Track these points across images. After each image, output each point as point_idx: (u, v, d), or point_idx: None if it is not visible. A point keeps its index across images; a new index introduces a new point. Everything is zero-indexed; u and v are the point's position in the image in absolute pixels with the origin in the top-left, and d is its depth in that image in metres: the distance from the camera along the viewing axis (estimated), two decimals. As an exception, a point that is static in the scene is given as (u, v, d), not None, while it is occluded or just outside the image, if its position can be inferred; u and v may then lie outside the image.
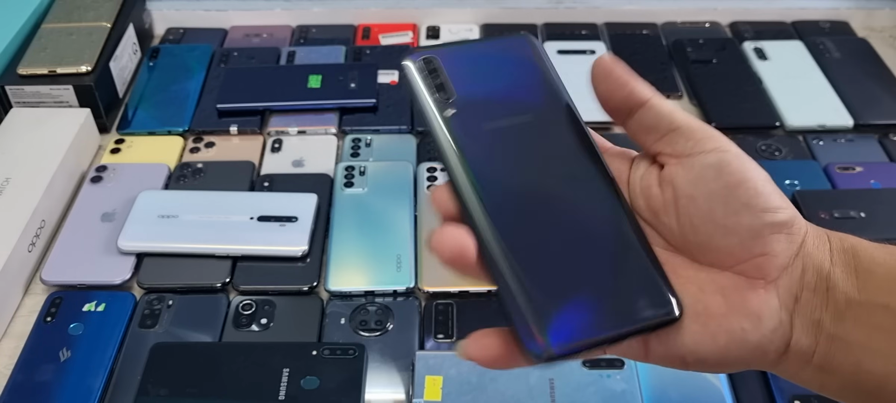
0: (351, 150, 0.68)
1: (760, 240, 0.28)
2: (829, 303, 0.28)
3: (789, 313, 0.28)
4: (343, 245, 0.58)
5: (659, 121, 0.30)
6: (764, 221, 0.28)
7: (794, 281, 0.28)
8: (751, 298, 0.28)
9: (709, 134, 0.30)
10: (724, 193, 0.28)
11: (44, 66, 0.69)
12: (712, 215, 0.29)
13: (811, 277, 0.28)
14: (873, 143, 0.70)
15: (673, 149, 0.30)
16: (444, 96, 0.31)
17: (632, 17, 0.87)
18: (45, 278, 0.56)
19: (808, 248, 0.28)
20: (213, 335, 0.53)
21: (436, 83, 0.31)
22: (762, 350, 0.28)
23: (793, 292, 0.28)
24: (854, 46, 0.82)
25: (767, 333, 0.28)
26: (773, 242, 0.28)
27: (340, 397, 0.47)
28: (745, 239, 0.28)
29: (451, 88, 0.31)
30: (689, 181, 0.29)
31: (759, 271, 0.28)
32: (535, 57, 0.33)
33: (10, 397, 0.49)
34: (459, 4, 0.86)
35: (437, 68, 0.32)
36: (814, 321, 0.28)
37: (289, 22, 0.86)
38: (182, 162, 0.67)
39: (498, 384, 0.48)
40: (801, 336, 0.28)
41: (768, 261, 0.28)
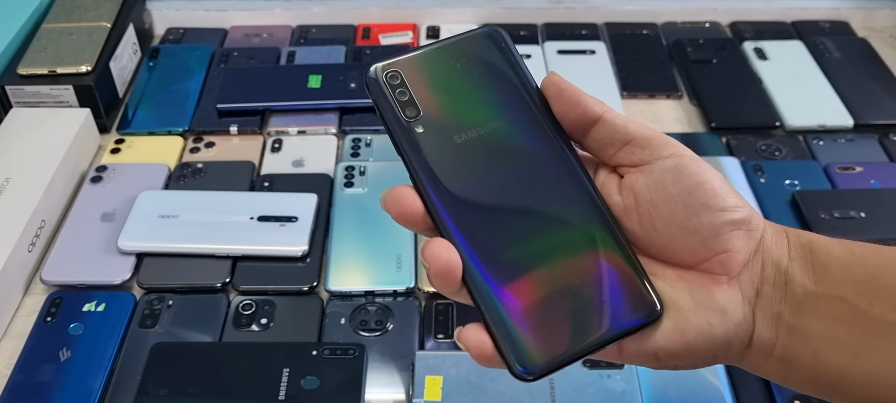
0: (351, 150, 0.68)
1: (721, 238, 0.29)
2: (788, 297, 0.29)
3: (751, 306, 0.29)
4: (343, 245, 0.58)
5: (614, 135, 0.31)
6: (723, 220, 0.29)
7: (755, 276, 0.29)
8: (716, 293, 0.29)
9: (664, 141, 0.31)
10: (684, 196, 0.29)
11: (44, 66, 0.69)
12: (674, 217, 0.30)
13: (770, 271, 0.29)
14: (873, 143, 0.70)
15: (631, 159, 0.31)
16: (411, 113, 0.30)
17: (632, 17, 0.87)
18: (45, 278, 0.56)
19: (767, 244, 0.30)
20: (214, 335, 0.53)
21: (401, 100, 0.31)
22: (728, 343, 0.29)
23: (754, 286, 0.29)
24: (854, 46, 0.82)
25: (733, 327, 0.29)
26: (733, 239, 0.29)
27: (340, 397, 0.47)
28: (707, 237, 0.29)
29: (416, 104, 0.31)
30: (649, 186, 0.30)
31: (723, 267, 0.29)
32: (501, 53, 0.32)
33: (10, 397, 0.49)
34: (459, 4, 0.86)
35: (401, 82, 0.31)
36: (773, 313, 0.29)
37: (289, 22, 0.86)
38: (182, 162, 0.67)
39: (498, 384, 0.48)
40: (762, 329, 0.29)
41: (730, 258, 0.29)
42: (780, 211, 0.62)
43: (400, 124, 0.30)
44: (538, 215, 0.30)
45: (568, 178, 0.31)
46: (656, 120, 0.74)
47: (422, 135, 0.30)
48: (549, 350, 0.28)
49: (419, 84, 0.31)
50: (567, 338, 0.28)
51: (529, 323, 0.28)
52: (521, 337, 0.28)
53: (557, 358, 0.28)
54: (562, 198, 0.30)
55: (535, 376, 0.28)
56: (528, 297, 0.29)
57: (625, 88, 0.77)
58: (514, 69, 0.32)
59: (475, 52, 0.32)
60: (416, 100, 0.31)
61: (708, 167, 0.30)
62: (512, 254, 0.29)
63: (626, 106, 0.74)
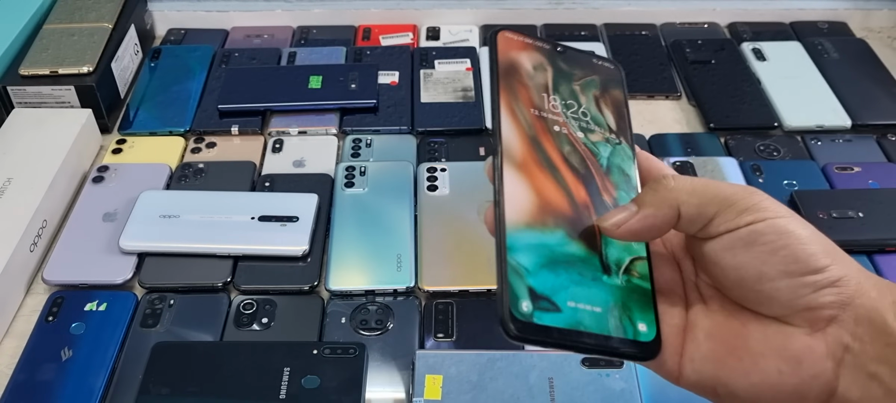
0: (351, 150, 0.69)
1: (803, 300, 0.28)
2: (890, 358, 0.27)
3: (836, 362, 0.28)
4: (343, 244, 0.58)
5: (693, 224, 0.29)
6: (804, 283, 0.28)
7: (845, 331, 0.28)
8: (793, 342, 0.28)
9: (743, 206, 0.29)
10: (756, 264, 0.28)
11: (45, 66, 0.69)
12: (744, 283, 0.28)
13: (866, 329, 0.27)
14: (871, 144, 0.70)
15: (709, 232, 0.29)
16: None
17: (631, 18, 0.87)
18: (46, 278, 0.56)
19: (864, 301, 0.28)
20: (215, 334, 0.53)
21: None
22: (800, 394, 0.28)
23: (842, 342, 0.28)
24: (852, 47, 0.82)
25: (807, 379, 0.28)
26: (818, 297, 0.28)
27: (341, 396, 0.48)
28: (786, 300, 0.28)
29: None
30: (719, 253, 0.29)
31: (806, 321, 0.28)
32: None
33: (12, 396, 0.49)
34: (459, 5, 0.86)
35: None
36: (868, 373, 0.27)
37: (290, 23, 0.87)
38: (183, 162, 0.68)
39: (498, 383, 0.48)
40: (849, 387, 0.27)
41: (815, 314, 0.28)
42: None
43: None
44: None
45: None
46: (655, 120, 0.74)
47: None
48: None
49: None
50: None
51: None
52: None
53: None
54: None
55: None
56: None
57: (624, 89, 0.77)
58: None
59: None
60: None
61: (789, 229, 0.28)
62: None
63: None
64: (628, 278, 0.30)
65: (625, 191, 0.32)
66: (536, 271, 0.28)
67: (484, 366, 0.49)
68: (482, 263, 0.57)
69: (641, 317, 0.29)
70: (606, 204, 0.31)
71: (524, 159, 0.30)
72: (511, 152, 0.30)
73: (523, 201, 0.29)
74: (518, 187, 0.29)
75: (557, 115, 0.32)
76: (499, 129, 0.30)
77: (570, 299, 0.28)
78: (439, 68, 0.78)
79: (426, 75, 0.77)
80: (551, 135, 0.31)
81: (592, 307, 0.28)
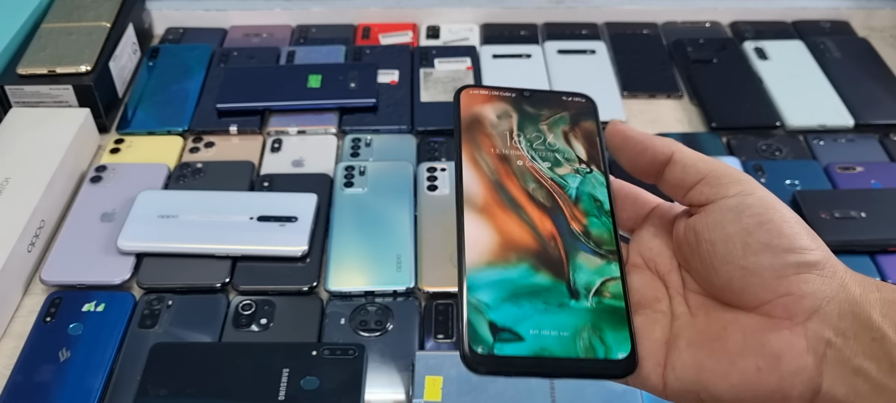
0: (351, 150, 0.68)
1: (784, 280, 0.28)
2: (877, 353, 0.26)
3: (818, 357, 0.27)
4: (343, 245, 0.58)
5: (685, 176, 0.31)
6: (787, 261, 0.28)
7: (827, 326, 0.27)
8: (771, 338, 0.27)
9: (734, 178, 0.30)
10: (743, 235, 0.28)
11: (43, 65, 0.69)
12: (730, 257, 0.29)
13: (849, 323, 0.27)
14: (874, 143, 0.70)
15: (699, 198, 0.30)
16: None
17: (632, 17, 0.87)
18: (44, 278, 0.56)
19: (849, 294, 0.28)
20: (213, 335, 0.53)
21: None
22: (783, 393, 0.27)
23: (824, 336, 0.27)
24: (854, 46, 0.82)
25: (787, 375, 0.27)
26: (799, 282, 0.28)
27: (340, 397, 0.47)
28: (768, 279, 0.28)
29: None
30: (708, 226, 0.29)
31: (786, 311, 0.28)
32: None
33: (10, 397, 0.49)
34: (459, 4, 0.86)
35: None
36: (854, 368, 0.27)
37: (288, 22, 0.86)
38: (182, 162, 0.67)
39: (498, 384, 0.48)
40: (834, 383, 0.27)
41: (795, 302, 0.28)
42: (781, 211, 0.62)
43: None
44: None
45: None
46: (656, 120, 0.74)
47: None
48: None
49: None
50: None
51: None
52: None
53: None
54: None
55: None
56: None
57: (625, 88, 0.77)
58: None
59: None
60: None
61: (779, 206, 0.29)
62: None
63: (626, 106, 0.74)
64: (599, 299, 0.30)
65: (595, 216, 0.32)
66: (497, 305, 0.29)
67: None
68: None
69: (613, 335, 0.29)
70: (574, 231, 0.32)
71: (485, 202, 0.31)
72: (471, 197, 0.31)
73: (483, 242, 0.30)
74: (478, 229, 0.30)
75: (520, 155, 0.33)
76: (459, 179, 0.32)
77: (534, 327, 0.28)
78: (439, 67, 0.78)
79: (426, 74, 0.77)
80: (515, 174, 0.32)
81: (559, 332, 0.29)
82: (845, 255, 0.57)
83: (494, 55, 0.80)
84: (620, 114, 0.72)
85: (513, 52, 0.80)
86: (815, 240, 0.28)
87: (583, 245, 0.31)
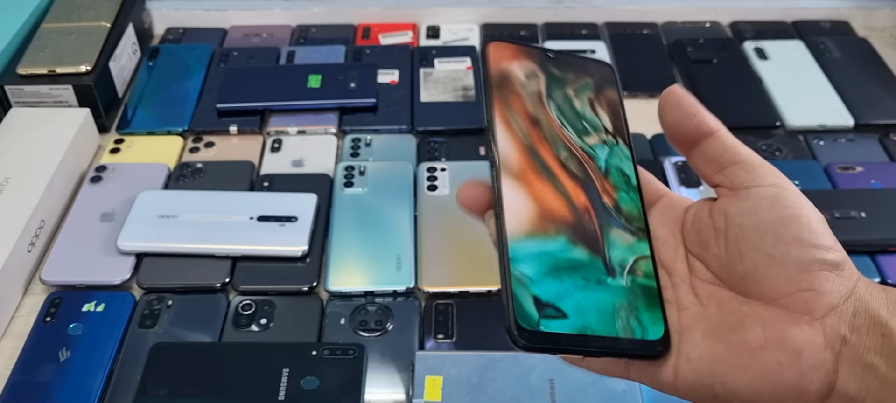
0: (351, 150, 0.68)
1: (808, 275, 0.28)
2: (886, 349, 0.27)
3: (835, 354, 0.27)
4: (343, 245, 0.58)
5: (723, 154, 0.31)
6: (813, 256, 0.28)
7: (843, 322, 0.27)
8: (793, 333, 0.28)
9: (770, 170, 0.30)
10: (776, 224, 0.29)
11: (43, 65, 0.69)
12: (760, 244, 0.29)
13: (863, 321, 0.27)
14: (874, 143, 0.70)
15: (732, 181, 0.31)
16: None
17: (632, 17, 0.87)
18: (44, 278, 0.56)
19: (861, 294, 0.28)
20: (213, 335, 0.53)
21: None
22: (801, 388, 0.27)
23: (840, 333, 0.27)
24: (855, 46, 0.82)
25: (806, 371, 0.27)
26: (821, 279, 0.28)
27: (340, 397, 0.47)
28: (793, 271, 0.28)
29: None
30: (742, 211, 0.30)
31: (806, 307, 0.28)
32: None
33: (10, 397, 0.49)
34: (459, 4, 0.86)
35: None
36: (866, 364, 0.27)
37: (288, 22, 0.86)
38: (181, 162, 0.67)
39: (498, 384, 0.48)
40: (848, 379, 0.27)
41: (815, 298, 0.28)
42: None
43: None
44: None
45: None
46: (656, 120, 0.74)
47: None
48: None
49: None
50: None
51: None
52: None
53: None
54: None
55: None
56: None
57: (625, 88, 0.77)
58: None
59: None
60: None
61: (809, 204, 0.29)
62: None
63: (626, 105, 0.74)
64: (633, 278, 0.30)
65: (624, 191, 0.32)
66: (540, 279, 0.28)
67: (484, 367, 0.49)
68: (483, 264, 0.56)
69: (648, 316, 0.29)
70: (607, 205, 0.31)
71: (522, 168, 0.30)
72: (508, 163, 0.30)
73: (523, 211, 0.29)
74: (517, 197, 0.29)
75: (553, 121, 0.32)
76: (495, 141, 0.30)
77: (576, 304, 0.28)
78: (439, 67, 0.78)
79: (426, 74, 0.77)
80: (548, 141, 0.31)
81: (599, 309, 0.28)
82: (845, 255, 0.58)
83: (494, 55, 0.80)
84: (620, 114, 0.72)
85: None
86: (837, 243, 0.29)
87: (615, 220, 0.31)
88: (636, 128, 0.72)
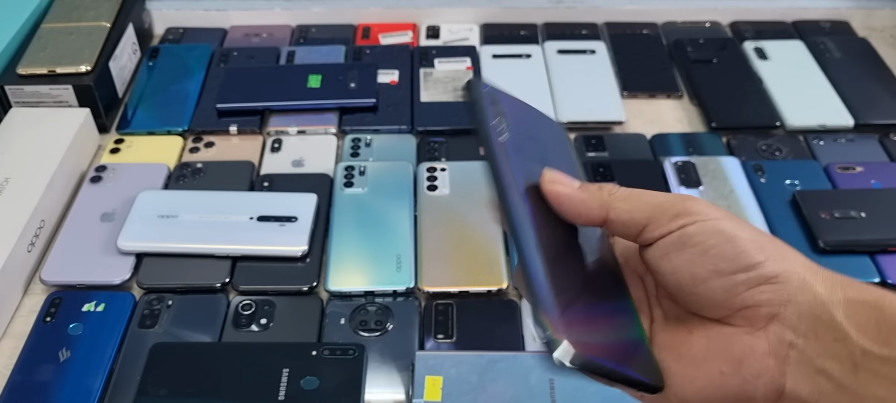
0: (351, 150, 0.68)
1: (738, 298, 0.28)
2: (839, 353, 0.27)
3: (780, 359, 0.28)
4: (343, 245, 0.58)
5: (627, 230, 0.31)
6: (736, 281, 0.28)
7: (788, 328, 0.28)
8: (734, 343, 0.28)
9: (673, 212, 0.29)
10: (689, 267, 0.29)
11: (43, 65, 0.69)
12: (681, 287, 0.29)
13: (809, 325, 0.28)
14: (874, 143, 0.70)
15: (647, 240, 0.30)
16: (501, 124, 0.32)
17: (632, 17, 0.87)
18: (44, 278, 0.56)
19: (807, 297, 0.28)
20: (213, 335, 0.53)
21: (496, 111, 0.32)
22: (747, 395, 0.28)
23: (785, 339, 0.28)
24: (854, 46, 0.82)
25: (749, 378, 0.28)
26: (753, 295, 0.28)
27: (340, 397, 0.47)
28: (721, 301, 0.29)
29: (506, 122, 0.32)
30: (656, 259, 0.30)
31: (746, 321, 0.29)
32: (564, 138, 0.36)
33: (10, 397, 0.49)
34: (459, 4, 0.86)
35: (496, 100, 0.33)
36: (816, 368, 0.27)
37: (288, 22, 0.86)
38: (181, 162, 0.67)
39: (498, 384, 0.48)
40: (797, 383, 0.28)
41: (753, 312, 0.28)
42: (781, 211, 0.62)
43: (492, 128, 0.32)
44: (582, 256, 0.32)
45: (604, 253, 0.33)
46: (656, 120, 0.74)
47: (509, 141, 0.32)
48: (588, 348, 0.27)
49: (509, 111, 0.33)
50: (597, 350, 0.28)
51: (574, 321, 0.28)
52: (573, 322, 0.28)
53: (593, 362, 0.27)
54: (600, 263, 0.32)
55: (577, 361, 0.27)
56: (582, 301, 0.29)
57: (625, 88, 0.77)
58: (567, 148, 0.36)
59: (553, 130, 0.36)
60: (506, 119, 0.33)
61: (720, 228, 0.29)
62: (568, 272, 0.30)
63: (626, 106, 0.74)
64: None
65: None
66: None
67: (484, 367, 0.49)
68: (482, 264, 0.56)
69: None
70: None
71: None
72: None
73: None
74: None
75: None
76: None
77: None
78: (439, 67, 0.78)
79: (426, 74, 0.77)
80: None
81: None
82: (845, 255, 0.57)
83: (494, 55, 0.80)
84: (620, 114, 0.72)
85: (513, 52, 0.80)
86: (765, 250, 0.28)
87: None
88: (636, 128, 0.72)
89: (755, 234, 0.29)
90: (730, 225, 0.29)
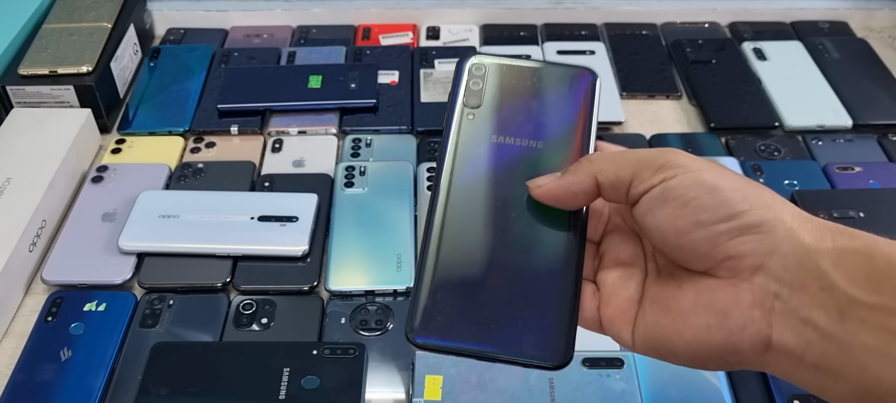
0: (351, 150, 0.68)
1: (721, 248, 0.28)
2: (826, 303, 0.27)
3: (765, 311, 0.28)
4: (343, 245, 0.58)
5: (617, 191, 0.31)
6: (718, 231, 0.28)
7: (772, 279, 0.28)
8: (719, 296, 0.29)
9: (655, 166, 0.30)
10: (671, 220, 0.29)
11: (45, 66, 0.69)
12: (666, 240, 0.30)
13: (795, 275, 0.27)
14: (872, 143, 0.70)
15: (635, 196, 0.31)
16: (472, 102, 0.34)
17: (631, 18, 0.87)
18: (45, 278, 0.56)
19: (793, 246, 0.28)
20: (214, 334, 0.53)
21: (473, 88, 0.34)
22: (733, 347, 0.28)
23: (770, 290, 0.28)
24: (853, 47, 0.82)
25: (735, 330, 0.28)
26: (737, 245, 0.28)
27: (341, 396, 0.47)
28: (704, 252, 0.29)
29: (482, 98, 0.34)
30: (641, 214, 0.30)
31: (730, 272, 0.29)
32: (585, 96, 0.35)
33: (11, 397, 0.49)
34: (459, 4, 0.86)
35: (482, 76, 0.34)
36: (802, 319, 0.27)
37: (289, 22, 0.87)
38: (183, 162, 0.68)
39: (498, 383, 0.48)
40: (784, 334, 0.28)
41: (737, 263, 0.28)
42: (780, 211, 0.62)
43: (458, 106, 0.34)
44: (510, 230, 0.32)
45: (558, 216, 0.32)
46: (656, 120, 0.74)
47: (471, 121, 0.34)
48: (442, 333, 0.30)
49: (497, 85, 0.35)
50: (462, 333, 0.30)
51: (440, 303, 0.30)
52: (428, 307, 0.30)
53: (442, 345, 0.30)
54: (539, 230, 0.32)
55: (413, 343, 0.30)
56: (455, 285, 0.31)
57: (624, 88, 0.77)
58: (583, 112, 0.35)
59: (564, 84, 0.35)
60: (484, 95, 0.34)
61: (702, 179, 0.29)
62: (468, 240, 0.31)
63: (625, 106, 0.74)
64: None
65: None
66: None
67: (484, 367, 0.49)
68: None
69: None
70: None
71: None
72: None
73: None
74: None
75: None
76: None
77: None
78: (439, 68, 0.78)
79: (426, 75, 0.77)
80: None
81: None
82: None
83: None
84: (619, 114, 0.73)
85: (512, 52, 0.81)
86: (749, 199, 0.28)
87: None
88: (635, 129, 0.73)
89: (740, 183, 0.29)
90: (712, 175, 0.29)
